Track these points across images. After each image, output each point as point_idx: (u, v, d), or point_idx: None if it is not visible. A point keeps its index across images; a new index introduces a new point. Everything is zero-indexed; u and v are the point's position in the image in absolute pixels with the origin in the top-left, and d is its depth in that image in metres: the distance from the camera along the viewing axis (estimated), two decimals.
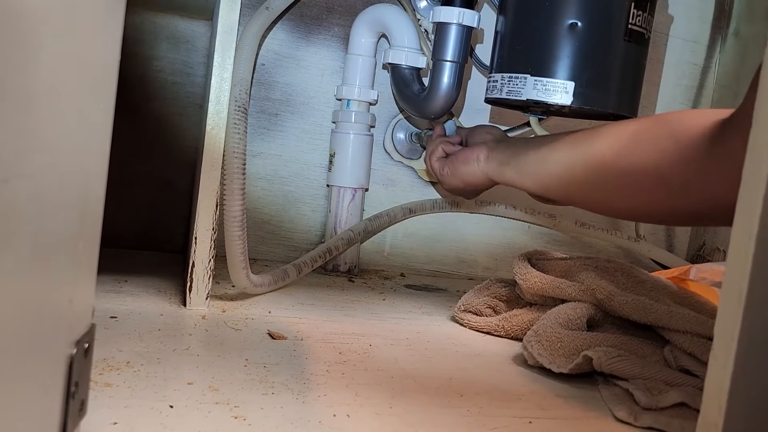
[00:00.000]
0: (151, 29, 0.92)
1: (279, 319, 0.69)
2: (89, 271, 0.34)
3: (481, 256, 1.04)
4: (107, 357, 0.53)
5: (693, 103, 1.09)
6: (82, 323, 0.33)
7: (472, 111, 1.00)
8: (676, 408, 0.54)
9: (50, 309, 0.29)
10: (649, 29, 0.81)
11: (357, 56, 0.94)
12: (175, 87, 0.93)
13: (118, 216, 0.92)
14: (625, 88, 0.81)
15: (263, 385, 0.52)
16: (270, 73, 0.95)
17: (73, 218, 0.30)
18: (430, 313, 0.80)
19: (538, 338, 0.63)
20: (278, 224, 0.97)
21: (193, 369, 0.53)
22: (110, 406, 0.45)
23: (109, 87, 0.33)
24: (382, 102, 0.98)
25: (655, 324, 0.64)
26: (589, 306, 0.69)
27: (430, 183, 1.01)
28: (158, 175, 0.94)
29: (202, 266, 0.68)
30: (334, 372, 0.57)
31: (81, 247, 0.31)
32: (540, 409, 0.54)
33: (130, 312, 0.66)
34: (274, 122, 0.96)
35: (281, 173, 0.96)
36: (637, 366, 0.59)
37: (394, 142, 0.99)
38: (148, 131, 0.93)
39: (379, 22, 0.92)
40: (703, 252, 1.08)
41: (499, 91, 0.82)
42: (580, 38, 0.78)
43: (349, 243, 0.92)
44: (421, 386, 0.56)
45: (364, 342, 0.66)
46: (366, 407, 0.50)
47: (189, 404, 0.47)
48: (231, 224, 0.68)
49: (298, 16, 0.95)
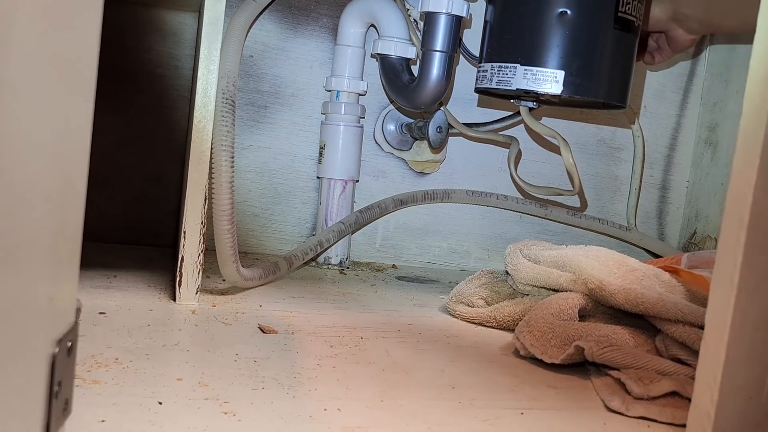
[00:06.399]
0: (138, 21, 0.91)
1: (270, 313, 0.69)
2: (71, 268, 0.33)
3: (473, 247, 1.04)
4: (95, 353, 0.53)
5: (684, 91, 1.09)
6: (64, 321, 0.33)
7: (462, 101, 1.00)
8: (668, 397, 0.54)
9: (28, 307, 0.28)
10: (639, 17, 0.81)
11: (346, 47, 0.93)
12: (163, 80, 0.92)
13: (107, 210, 0.91)
14: (616, 76, 0.81)
15: (253, 380, 0.51)
16: (258, 65, 0.94)
17: (51, 214, 0.30)
18: (421, 304, 0.80)
19: (529, 329, 0.63)
20: (268, 217, 0.96)
21: (183, 365, 0.53)
22: (98, 404, 0.45)
23: (88, 78, 0.32)
24: (372, 93, 0.97)
25: (647, 313, 0.64)
26: (580, 296, 0.68)
27: (420, 174, 1.01)
28: (147, 168, 0.93)
29: (192, 260, 0.67)
30: (325, 366, 0.56)
31: (61, 244, 0.31)
32: (532, 400, 0.54)
33: (119, 307, 0.65)
34: (263, 114, 0.95)
35: (271, 166, 0.96)
36: (629, 355, 0.59)
37: (385, 134, 0.99)
38: (137, 124, 0.92)
39: (367, 12, 0.91)
40: (695, 240, 1.08)
41: (489, 81, 0.81)
42: (569, 27, 0.77)
43: (340, 235, 0.91)
44: (413, 379, 0.56)
45: (355, 335, 0.65)
46: (357, 401, 0.50)
47: (178, 400, 0.47)
48: (220, 218, 0.67)
49: (286, 7, 0.94)
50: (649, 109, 1.08)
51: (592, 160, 1.07)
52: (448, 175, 1.02)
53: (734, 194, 0.42)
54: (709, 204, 1.06)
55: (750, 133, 0.41)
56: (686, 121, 1.09)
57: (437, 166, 1.01)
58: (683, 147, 1.10)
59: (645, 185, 1.09)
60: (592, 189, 1.07)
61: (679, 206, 1.11)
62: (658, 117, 1.08)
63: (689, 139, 1.10)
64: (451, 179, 1.02)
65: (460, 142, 1.02)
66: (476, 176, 1.03)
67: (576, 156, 0.91)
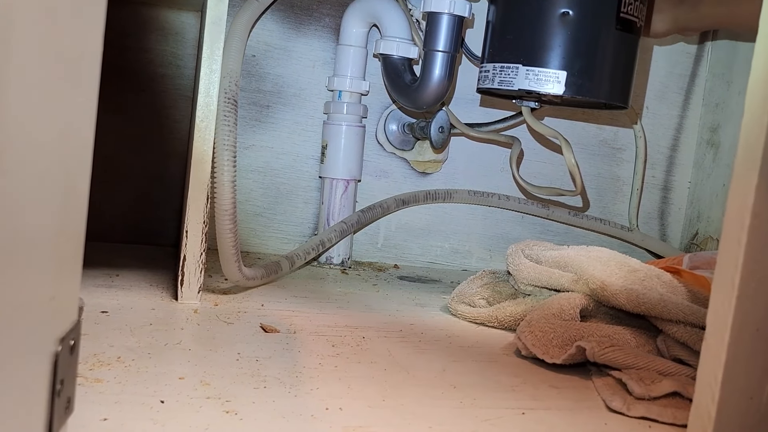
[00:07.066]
0: (141, 21, 0.91)
1: (272, 312, 0.69)
2: (73, 267, 0.33)
3: (475, 247, 1.04)
4: (98, 352, 0.53)
5: (686, 92, 1.09)
6: (66, 320, 0.33)
7: (464, 101, 1.00)
8: (669, 397, 0.54)
9: (30, 305, 0.28)
10: (641, 18, 0.81)
11: (348, 47, 0.93)
12: (165, 79, 0.92)
13: (110, 209, 0.91)
14: (618, 77, 0.81)
15: (255, 379, 0.51)
16: (260, 65, 0.94)
17: (54, 213, 0.30)
18: (423, 304, 0.80)
19: (531, 329, 0.63)
20: (270, 216, 0.97)
21: (185, 363, 0.53)
22: (100, 402, 0.45)
23: (92, 77, 0.32)
24: (374, 93, 0.97)
25: (648, 314, 0.64)
26: (581, 296, 0.68)
27: (422, 174, 1.01)
28: (149, 168, 0.93)
29: (194, 260, 0.68)
30: (326, 365, 0.56)
31: (64, 243, 0.31)
32: (533, 400, 0.54)
33: (122, 306, 0.65)
34: (265, 114, 0.95)
35: (273, 165, 0.96)
36: (630, 356, 0.59)
37: (387, 134, 0.99)
38: (139, 124, 0.92)
39: (370, 12, 0.91)
40: (696, 241, 1.08)
41: (491, 81, 0.81)
42: (571, 27, 0.77)
43: (342, 235, 0.91)
44: (415, 378, 0.56)
45: (357, 334, 0.65)
46: (359, 400, 0.50)
47: (180, 399, 0.47)
48: (222, 217, 0.67)
49: (289, 7, 0.94)
50: (651, 110, 1.08)
51: (594, 160, 1.07)
52: (450, 175, 1.02)
53: (735, 195, 0.42)
54: (710, 205, 1.06)
55: (751, 134, 0.41)
56: (688, 121, 1.09)
57: (439, 166, 1.01)
58: (685, 148, 1.10)
59: (647, 186, 1.09)
60: (594, 189, 1.07)
61: (680, 207, 1.11)
62: (660, 117, 1.08)
63: (691, 139, 1.10)
64: (453, 179, 1.02)
65: (462, 142, 1.02)
66: (478, 176, 1.03)
67: (577, 156, 0.91)
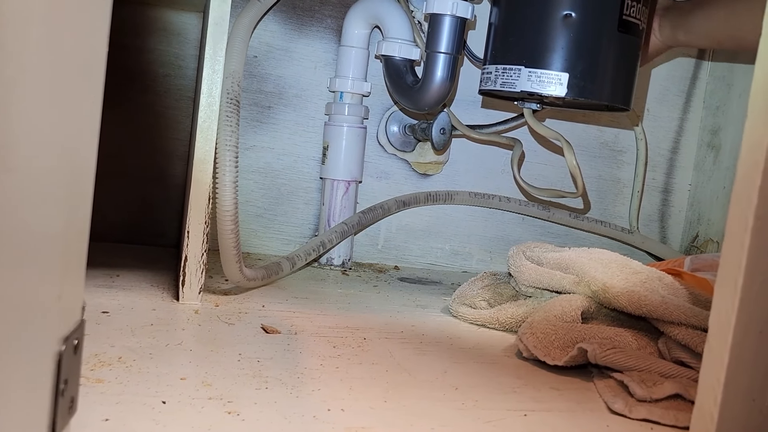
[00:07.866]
0: (143, 21, 0.91)
1: (273, 313, 0.69)
2: (78, 267, 0.33)
3: (476, 249, 1.04)
4: (99, 353, 0.53)
5: (687, 94, 1.09)
6: (70, 319, 0.33)
7: (466, 103, 1.00)
8: (671, 399, 0.54)
9: (36, 305, 0.28)
10: (643, 20, 0.81)
11: (350, 48, 0.93)
12: (167, 80, 0.93)
13: (111, 210, 0.91)
14: (620, 79, 0.81)
15: (257, 380, 0.51)
16: (262, 66, 0.94)
17: (60, 213, 0.30)
18: (424, 306, 0.80)
19: (532, 330, 0.63)
20: (271, 217, 0.97)
21: (186, 364, 0.53)
22: (102, 403, 0.45)
23: (97, 78, 0.32)
24: (376, 94, 0.97)
25: (650, 316, 0.64)
26: (583, 298, 0.68)
27: (423, 175, 1.01)
28: (151, 168, 0.93)
29: (195, 260, 0.68)
30: (328, 366, 0.56)
31: (69, 243, 0.31)
32: (535, 402, 0.54)
33: (122, 307, 0.65)
34: (266, 115, 0.95)
35: (274, 166, 0.96)
36: (632, 358, 0.59)
37: (388, 135, 0.99)
38: (141, 124, 0.92)
39: (372, 14, 0.91)
40: (697, 243, 1.08)
41: (493, 83, 0.81)
42: (574, 29, 0.77)
43: (342, 236, 0.91)
44: (416, 380, 0.56)
45: (358, 335, 0.65)
46: (360, 401, 0.50)
47: (182, 400, 0.47)
48: (224, 218, 0.67)
49: (291, 8, 0.94)
50: (652, 112, 1.08)
51: (595, 162, 1.07)
52: (451, 176, 1.02)
53: (738, 197, 0.42)
54: (711, 207, 1.06)
55: (754, 136, 0.41)
56: (689, 124, 1.10)
57: (440, 167, 1.01)
58: (686, 150, 1.10)
59: (647, 188, 1.09)
60: (595, 191, 1.07)
61: (681, 209, 1.11)
62: (660, 120, 1.08)
63: (692, 142, 1.10)
64: (453, 181, 1.02)
65: (463, 144, 1.02)
66: (479, 178, 1.03)
67: (578, 158, 0.91)
